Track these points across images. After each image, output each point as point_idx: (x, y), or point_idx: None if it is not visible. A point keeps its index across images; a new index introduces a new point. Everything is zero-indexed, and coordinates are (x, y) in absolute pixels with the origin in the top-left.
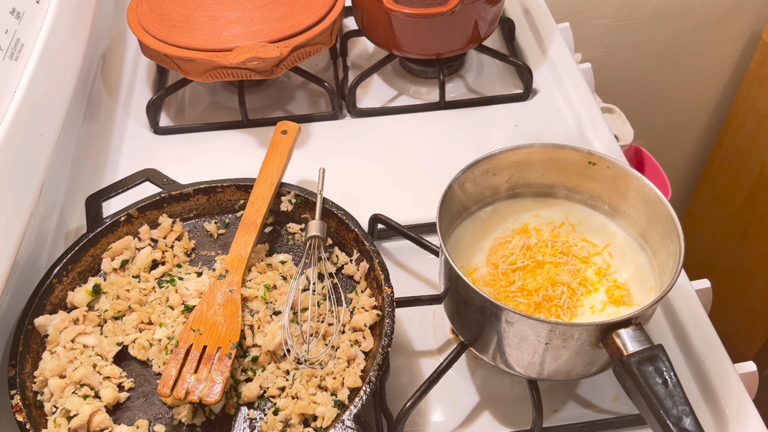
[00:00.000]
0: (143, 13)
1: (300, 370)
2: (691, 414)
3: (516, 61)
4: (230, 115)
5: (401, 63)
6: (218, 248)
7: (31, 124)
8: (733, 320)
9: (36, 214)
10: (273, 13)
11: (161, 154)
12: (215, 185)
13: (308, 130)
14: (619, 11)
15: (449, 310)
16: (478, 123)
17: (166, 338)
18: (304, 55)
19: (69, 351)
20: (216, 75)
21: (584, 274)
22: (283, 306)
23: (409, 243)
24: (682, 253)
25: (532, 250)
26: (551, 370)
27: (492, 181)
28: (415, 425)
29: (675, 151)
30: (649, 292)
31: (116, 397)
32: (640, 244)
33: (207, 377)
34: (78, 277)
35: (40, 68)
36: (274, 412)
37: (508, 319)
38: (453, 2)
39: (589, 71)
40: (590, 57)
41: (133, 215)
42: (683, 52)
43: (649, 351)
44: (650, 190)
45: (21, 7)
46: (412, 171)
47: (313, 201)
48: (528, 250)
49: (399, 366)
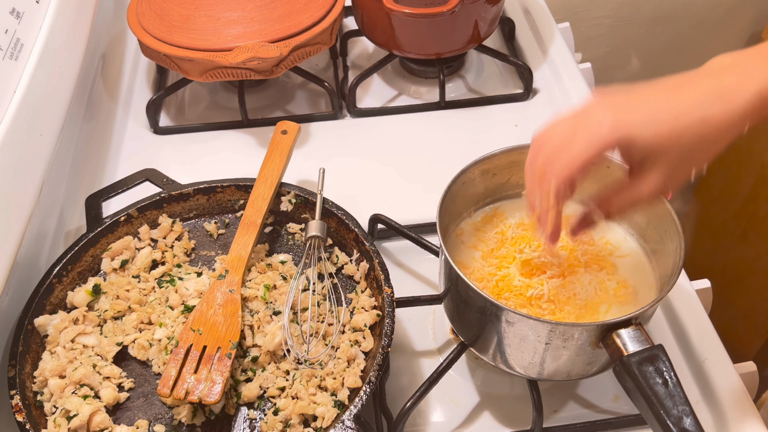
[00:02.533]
0: (143, 13)
1: (300, 370)
2: (692, 414)
3: (516, 61)
4: (230, 115)
5: (401, 63)
6: (218, 248)
7: (31, 124)
8: (733, 320)
9: (36, 214)
10: (273, 13)
11: (161, 154)
12: (215, 185)
13: (308, 130)
14: (619, 11)
15: (449, 310)
16: (478, 123)
17: (166, 338)
18: (304, 55)
19: (69, 351)
20: (216, 75)
21: (598, 275)
22: (283, 306)
23: (409, 243)
24: (682, 253)
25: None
26: (551, 370)
27: (492, 181)
28: (415, 425)
29: None
30: (649, 292)
31: (116, 397)
32: (640, 244)
33: (207, 377)
34: (78, 277)
35: (40, 68)
36: (274, 412)
37: (508, 319)
38: (453, 2)
39: (589, 71)
40: (590, 57)
41: (132, 215)
42: (683, 52)
43: (649, 351)
44: None
45: (21, 7)
46: (412, 171)
47: (313, 201)
48: (527, 248)
49: (399, 366)
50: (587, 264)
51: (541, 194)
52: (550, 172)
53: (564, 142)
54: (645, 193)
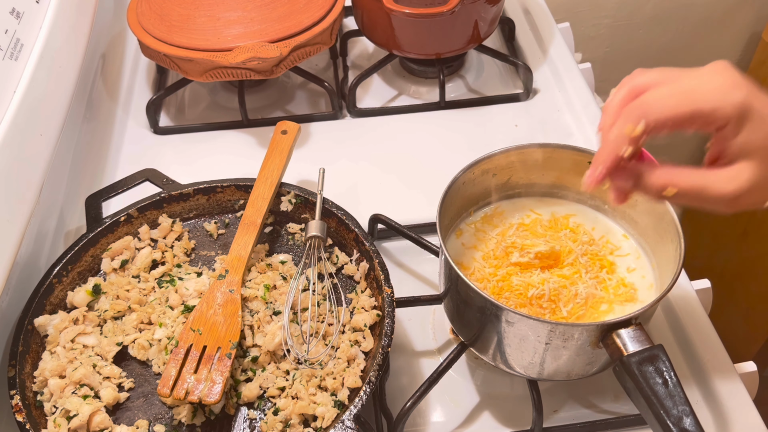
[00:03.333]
0: (143, 13)
1: (300, 370)
2: (692, 414)
3: (516, 61)
4: (230, 115)
5: (401, 63)
6: (218, 248)
7: (31, 124)
8: (733, 320)
9: (36, 214)
10: (273, 13)
11: (161, 154)
12: (215, 185)
13: (308, 130)
14: (619, 11)
15: (449, 310)
16: (478, 123)
17: (166, 338)
18: (304, 55)
19: (69, 351)
20: (216, 75)
21: (598, 274)
22: (283, 306)
23: (409, 243)
24: (682, 253)
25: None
26: (551, 370)
27: (492, 181)
28: (415, 425)
29: (675, 151)
30: (649, 292)
31: (116, 397)
32: (640, 244)
33: (207, 377)
34: (78, 277)
35: (40, 68)
36: (274, 412)
37: (508, 319)
38: (453, 2)
39: (589, 71)
40: (590, 57)
41: (132, 215)
42: (683, 52)
43: (649, 351)
44: None
45: (21, 7)
46: (412, 171)
47: (313, 201)
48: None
49: (399, 366)
50: (588, 263)
51: (623, 121)
52: (647, 105)
53: (679, 86)
54: (725, 189)
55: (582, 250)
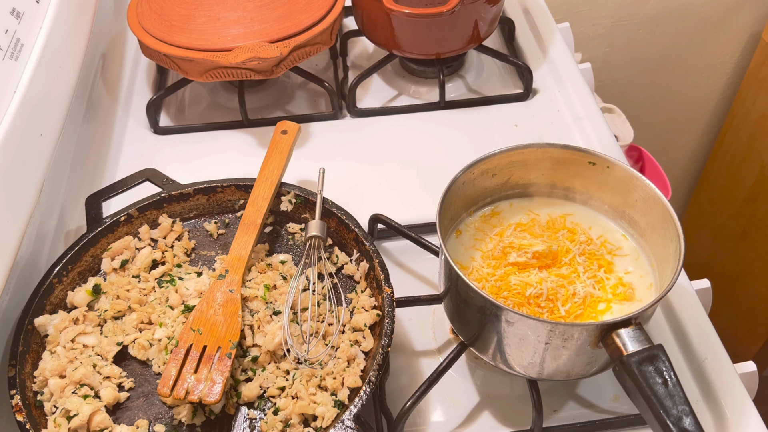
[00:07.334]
0: (143, 13)
1: (300, 370)
2: (691, 414)
3: (516, 61)
4: (230, 115)
5: (401, 63)
6: (218, 248)
7: (31, 124)
8: (733, 320)
9: (36, 214)
10: (273, 13)
11: (161, 154)
12: (215, 185)
13: (308, 130)
14: (619, 11)
15: (449, 310)
16: (478, 123)
17: (166, 338)
18: (304, 55)
19: (69, 351)
20: (216, 75)
21: (596, 274)
22: (283, 306)
23: (409, 243)
24: (682, 253)
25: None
26: (551, 370)
27: (492, 181)
28: (415, 425)
29: (675, 151)
30: (649, 292)
31: (116, 397)
32: (639, 244)
33: (207, 377)
34: (78, 277)
35: (40, 68)
36: (274, 412)
37: (508, 318)
38: (453, 2)
39: (589, 71)
40: (590, 57)
41: (133, 215)
42: (683, 52)
43: (649, 351)
44: (650, 190)
45: (21, 7)
46: (412, 171)
47: (313, 201)
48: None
49: (399, 366)
50: (586, 263)
51: None
52: None
53: None
54: None
55: (580, 249)
